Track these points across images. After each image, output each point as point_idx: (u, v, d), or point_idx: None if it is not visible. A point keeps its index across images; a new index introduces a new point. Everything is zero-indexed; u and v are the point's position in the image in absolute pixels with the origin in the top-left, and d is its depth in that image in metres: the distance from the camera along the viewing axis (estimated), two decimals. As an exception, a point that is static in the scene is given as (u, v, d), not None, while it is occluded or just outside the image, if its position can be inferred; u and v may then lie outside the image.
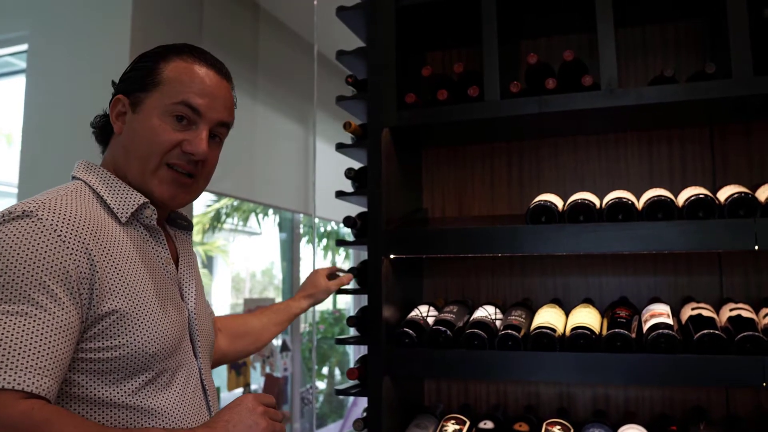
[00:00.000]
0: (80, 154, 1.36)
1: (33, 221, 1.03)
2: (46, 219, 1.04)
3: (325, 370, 7.63)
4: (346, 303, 7.94)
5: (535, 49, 2.18)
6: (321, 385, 7.42)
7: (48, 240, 1.02)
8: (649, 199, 1.71)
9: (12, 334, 0.95)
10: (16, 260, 0.99)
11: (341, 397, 7.11)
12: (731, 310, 1.69)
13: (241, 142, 3.87)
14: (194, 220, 1.49)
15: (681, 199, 1.72)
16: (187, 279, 1.33)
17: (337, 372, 7.61)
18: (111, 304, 1.08)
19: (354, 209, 2.12)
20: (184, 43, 1.30)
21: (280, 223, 6.14)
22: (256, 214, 7.50)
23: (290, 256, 5.67)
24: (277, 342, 5.21)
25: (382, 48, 1.99)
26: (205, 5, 3.64)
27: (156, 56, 1.25)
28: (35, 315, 0.97)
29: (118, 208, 1.19)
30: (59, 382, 1.00)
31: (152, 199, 1.25)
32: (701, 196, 1.67)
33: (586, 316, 1.76)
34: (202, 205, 7.01)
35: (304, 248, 7.02)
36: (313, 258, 4.51)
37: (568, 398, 2.04)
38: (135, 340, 1.11)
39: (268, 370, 5.10)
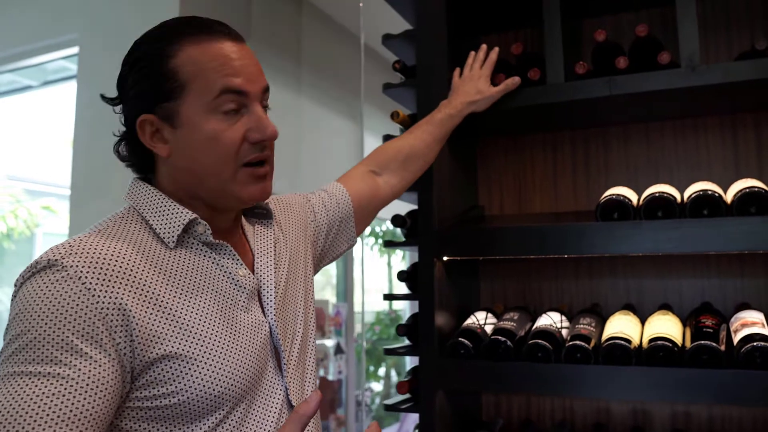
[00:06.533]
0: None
1: (57, 271, 0.92)
2: (71, 266, 0.93)
3: (381, 371, 7.50)
4: (402, 304, 7.78)
5: (600, 28, 1.97)
6: (377, 386, 7.29)
7: (71, 290, 0.91)
8: (740, 191, 1.49)
9: (35, 399, 0.85)
10: (39, 317, 0.90)
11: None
12: (839, 318, 1.46)
13: (288, 140, 3.75)
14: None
15: (777, 190, 1.49)
16: (267, 280, 1.15)
17: (393, 374, 7.48)
18: (161, 348, 0.96)
19: (406, 208, 1.96)
20: (171, 20, 1.08)
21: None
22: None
23: (344, 256, 5.56)
24: (331, 343, 5.11)
25: (432, 30, 1.82)
26: (253, 4, 3.55)
27: (156, 54, 1.04)
28: (59, 375, 0.87)
29: (164, 233, 1.05)
30: None
31: (241, 203, 1.11)
32: (802, 186, 1.44)
33: (666, 325, 1.55)
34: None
35: (358, 248, 6.91)
36: (361, 256, 4.36)
37: (643, 415, 1.83)
38: (195, 383, 0.98)
39: (321, 373, 4.99)
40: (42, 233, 7.78)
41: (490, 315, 1.78)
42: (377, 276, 7.85)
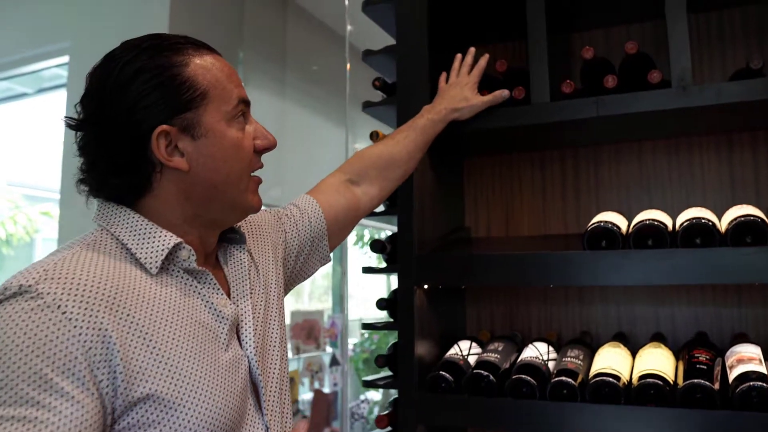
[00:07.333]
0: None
1: (31, 298, 0.83)
2: (47, 293, 0.83)
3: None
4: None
5: (590, 42, 1.89)
6: (376, 396, 7.21)
7: (48, 320, 0.82)
8: (735, 219, 1.40)
9: None
10: (12, 352, 0.80)
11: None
12: (840, 354, 1.37)
13: (279, 148, 3.68)
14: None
15: (774, 218, 1.40)
16: (245, 310, 1.09)
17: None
18: (145, 388, 0.88)
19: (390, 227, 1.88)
20: (155, 36, 1.00)
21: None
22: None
23: (340, 264, 5.49)
24: (325, 355, 5.03)
25: (413, 46, 1.74)
26: (246, 11, 3.49)
27: (165, 65, 0.97)
28: (36, 419, 0.78)
29: (146, 258, 0.96)
30: None
31: (246, 214, 1.10)
32: (801, 215, 1.35)
33: (658, 360, 1.47)
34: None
35: (355, 253, 6.84)
36: (346, 279, 4.25)
37: (636, 449, 1.74)
38: (179, 428, 0.90)
39: (317, 385, 4.91)
40: (41, 239, 7.74)
41: (474, 344, 1.69)
42: (376, 284, 7.78)
